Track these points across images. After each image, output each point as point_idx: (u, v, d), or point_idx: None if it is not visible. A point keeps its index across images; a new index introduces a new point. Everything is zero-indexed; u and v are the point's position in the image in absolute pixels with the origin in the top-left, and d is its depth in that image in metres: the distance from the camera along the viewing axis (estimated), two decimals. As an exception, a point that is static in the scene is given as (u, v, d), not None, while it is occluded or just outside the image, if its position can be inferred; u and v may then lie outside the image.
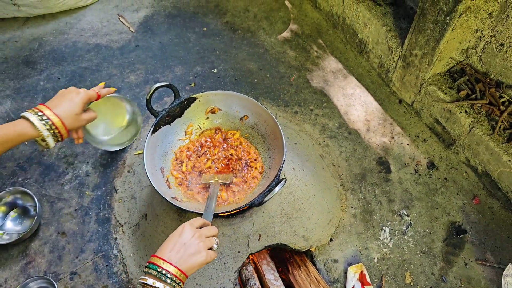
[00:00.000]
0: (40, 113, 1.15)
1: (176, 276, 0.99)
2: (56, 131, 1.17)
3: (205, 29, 2.55)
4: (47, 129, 1.15)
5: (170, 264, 1.00)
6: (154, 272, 0.99)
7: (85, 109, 1.30)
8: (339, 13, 2.39)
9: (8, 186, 1.86)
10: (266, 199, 1.35)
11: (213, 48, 2.44)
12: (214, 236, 1.15)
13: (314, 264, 1.67)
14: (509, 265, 1.51)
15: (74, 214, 1.79)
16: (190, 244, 1.06)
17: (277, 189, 1.35)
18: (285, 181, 1.37)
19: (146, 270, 1.01)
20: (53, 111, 1.17)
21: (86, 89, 1.29)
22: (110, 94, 1.41)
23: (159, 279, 0.97)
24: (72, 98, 1.23)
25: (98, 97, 1.34)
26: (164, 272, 0.98)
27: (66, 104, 1.21)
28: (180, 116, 1.68)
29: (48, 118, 1.15)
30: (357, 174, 1.89)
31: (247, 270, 1.60)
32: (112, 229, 1.75)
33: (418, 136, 2.01)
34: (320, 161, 1.90)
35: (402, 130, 2.03)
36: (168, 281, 0.98)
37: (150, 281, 0.97)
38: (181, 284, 1.01)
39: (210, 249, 1.11)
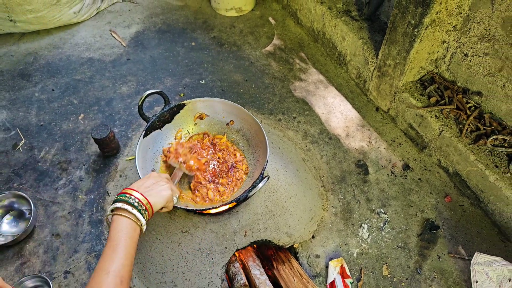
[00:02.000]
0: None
1: (142, 203, 1.10)
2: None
3: (193, 43, 2.69)
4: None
5: (138, 192, 1.12)
6: (123, 198, 1.09)
7: None
8: (319, 28, 2.55)
9: (4, 191, 1.93)
10: (250, 194, 1.46)
11: (201, 61, 2.58)
12: (176, 192, 1.32)
13: (297, 260, 1.76)
14: (475, 253, 1.63)
15: (68, 216, 1.86)
16: (158, 183, 1.22)
17: (261, 184, 1.46)
18: (268, 178, 1.48)
19: (116, 198, 1.11)
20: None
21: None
22: None
23: (127, 202, 1.07)
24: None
25: None
26: (132, 197, 1.09)
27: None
28: (170, 122, 1.78)
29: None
30: (337, 176, 2.00)
31: (234, 266, 1.68)
32: (105, 230, 1.82)
33: (394, 141, 2.14)
34: (302, 164, 2.01)
35: (379, 135, 2.16)
36: (136, 204, 1.08)
37: (119, 204, 1.07)
38: (146, 213, 1.11)
39: None
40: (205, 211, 1.62)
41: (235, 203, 1.63)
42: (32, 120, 2.22)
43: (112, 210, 1.08)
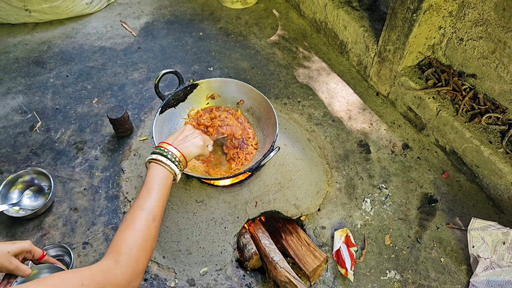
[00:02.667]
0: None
1: (176, 156, 1.22)
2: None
3: (201, 33, 2.80)
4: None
5: (171, 145, 1.24)
6: (158, 151, 1.20)
7: None
8: (321, 19, 2.67)
9: (23, 169, 2.02)
10: (262, 163, 1.56)
11: (208, 50, 2.69)
12: (209, 141, 1.45)
13: (305, 231, 1.86)
14: (472, 219, 1.74)
15: (85, 192, 1.95)
16: (191, 135, 1.34)
17: (272, 154, 1.56)
18: (279, 149, 1.59)
19: (153, 151, 1.22)
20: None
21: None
22: None
23: (162, 155, 1.19)
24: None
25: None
26: (166, 150, 1.21)
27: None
28: (183, 101, 1.88)
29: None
30: (341, 155, 2.11)
31: (244, 238, 1.78)
32: (121, 204, 1.92)
33: (394, 123, 2.26)
34: (307, 143, 2.12)
35: (379, 118, 2.28)
36: (169, 156, 1.19)
37: (154, 156, 1.18)
38: (180, 164, 1.22)
39: None
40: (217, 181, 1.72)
41: (248, 174, 1.74)
42: (48, 104, 2.32)
43: (149, 161, 1.19)
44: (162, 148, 1.22)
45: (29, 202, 1.90)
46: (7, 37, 2.70)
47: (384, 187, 1.99)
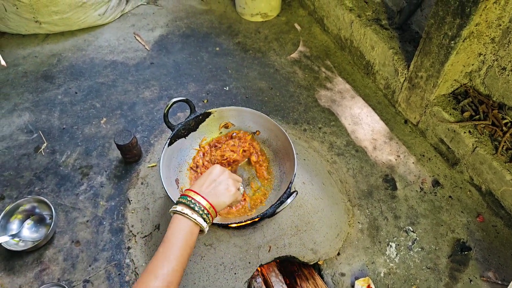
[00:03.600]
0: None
1: (205, 207, 1.06)
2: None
3: (217, 49, 2.65)
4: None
5: (200, 195, 1.08)
6: (184, 201, 1.05)
7: None
8: (346, 36, 2.48)
9: (25, 194, 1.92)
10: (278, 210, 1.40)
11: (225, 67, 2.53)
12: (239, 181, 1.27)
13: (322, 277, 1.70)
14: (512, 281, 1.55)
15: (88, 224, 1.84)
16: (220, 181, 1.16)
17: (289, 200, 1.40)
18: (297, 194, 1.43)
19: (177, 200, 1.07)
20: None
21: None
22: None
23: (188, 207, 1.04)
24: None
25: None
26: (193, 201, 1.05)
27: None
28: (195, 130, 1.75)
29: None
30: (364, 191, 1.94)
31: (256, 282, 1.63)
32: (125, 238, 1.79)
33: (423, 155, 2.07)
34: (328, 177, 1.95)
35: (407, 149, 2.09)
36: (196, 208, 1.04)
37: (179, 208, 1.03)
38: (209, 216, 1.07)
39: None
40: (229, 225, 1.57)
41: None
42: (55, 123, 2.21)
43: (173, 212, 1.05)
44: (188, 198, 1.06)
45: (29, 233, 1.79)
46: (17, 49, 2.61)
47: (411, 230, 1.81)
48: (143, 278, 0.93)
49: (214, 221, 1.45)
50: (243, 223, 1.53)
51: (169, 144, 1.63)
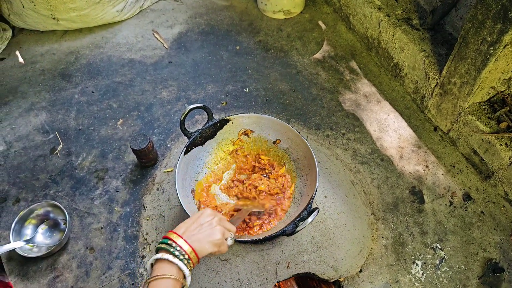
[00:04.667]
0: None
1: (186, 252, 0.98)
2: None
3: (238, 47, 2.56)
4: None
5: (182, 238, 1.00)
6: (164, 246, 0.98)
7: None
8: (374, 35, 2.35)
9: (40, 197, 1.89)
10: (298, 229, 1.33)
11: (245, 67, 2.44)
12: (231, 231, 1.15)
13: (342, 295, 1.63)
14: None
15: (103, 230, 1.79)
16: (208, 225, 1.07)
17: (310, 219, 1.32)
18: (318, 211, 1.34)
19: (158, 245, 1.00)
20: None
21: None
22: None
23: (168, 251, 0.96)
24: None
25: None
26: (174, 245, 0.97)
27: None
28: (212, 138, 1.68)
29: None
30: (389, 203, 1.84)
31: (273, 297, 1.57)
32: (140, 246, 1.74)
33: (454, 166, 1.94)
34: (351, 187, 1.86)
35: (436, 159, 1.97)
36: (176, 253, 0.96)
37: (159, 254, 0.96)
38: (190, 262, 0.98)
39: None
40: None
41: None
42: (71, 124, 2.17)
43: (152, 263, 0.97)
44: (169, 240, 0.98)
45: (43, 238, 1.76)
46: (35, 45, 2.58)
47: (439, 247, 1.70)
48: None
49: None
50: (261, 240, 1.46)
51: (185, 153, 1.57)
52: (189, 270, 0.97)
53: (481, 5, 1.55)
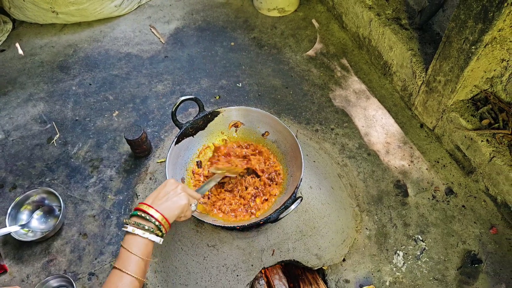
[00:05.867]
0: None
1: (157, 220, 1.06)
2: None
3: (232, 43, 2.62)
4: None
5: (153, 208, 1.07)
6: (135, 219, 1.05)
7: None
8: (365, 34, 2.41)
9: (36, 185, 1.95)
10: (281, 216, 1.38)
11: (239, 62, 2.50)
12: (195, 198, 1.24)
13: (326, 283, 1.68)
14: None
15: (96, 217, 1.85)
16: (173, 193, 1.15)
17: (293, 207, 1.38)
18: (301, 200, 1.40)
19: (130, 214, 1.08)
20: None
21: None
22: None
23: (137, 226, 1.02)
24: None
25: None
26: (144, 215, 1.05)
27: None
28: (203, 129, 1.73)
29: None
30: (374, 196, 1.90)
31: (259, 283, 1.62)
32: (131, 234, 1.80)
33: (438, 162, 2.01)
34: (337, 180, 1.92)
35: (421, 154, 2.03)
36: (147, 226, 1.03)
37: (130, 228, 1.02)
38: (162, 228, 1.07)
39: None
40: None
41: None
42: (68, 114, 2.23)
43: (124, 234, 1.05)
44: (139, 212, 1.05)
45: (38, 224, 1.82)
46: (35, 38, 2.64)
47: (421, 239, 1.76)
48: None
49: (216, 223, 1.44)
50: (247, 226, 1.52)
51: (176, 143, 1.62)
52: (162, 235, 1.07)
53: (463, 6, 1.61)
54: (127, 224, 1.03)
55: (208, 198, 1.60)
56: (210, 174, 1.64)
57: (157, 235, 1.05)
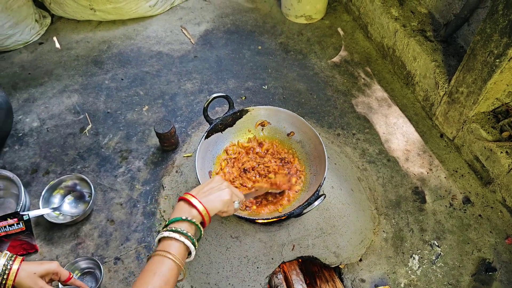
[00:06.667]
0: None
1: (199, 210, 1.11)
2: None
3: (260, 47, 2.71)
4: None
5: (196, 198, 1.13)
6: (172, 227, 1.06)
7: None
8: (389, 44, 2.48)
9: (68, 171, 2.04)
10: (305, 211, 1.45)
11: (265, 66, 2.58)
12: (238, 197, 1.29)
13: (342, 281, 1.73)
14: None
15: (124, 205, 1.94)
16: (218, 188, 1.21)
17: (316, 203, 1.44)
18: (324, 197, 1.46)
19: (167, 222, 1.09)
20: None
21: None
22: None
23: (175, 231, 1.04)
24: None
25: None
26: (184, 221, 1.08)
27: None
28: (231, 126, 1.81)
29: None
30: (392, 200, 1.95)
31: (277, 278, 1.68)
32: (156, 222, 1.88)
33: (456, 171, 2.05)
34: (357, 183, 1.97)
35: (440, 163, 2.08)
36: (185, 231, 1.05)
37: (166, 233, 1.04)
38: (201, 224, 1.12)
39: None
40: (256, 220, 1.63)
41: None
42: (100, 107, 2.33)
43: (159, 240, 1.07)
44: (186, 201, 1.12)
45: (69, 208, 1.91)
46: (71, 33, 2.76)
47: (437, 244, 1.81)
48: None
49: (241, 215, 1.51)
50: (270, 220, 1.59)
51: (206, 137, 1.70)
52: (201, 231, 1.11)
53: (489, 20, 1.67)
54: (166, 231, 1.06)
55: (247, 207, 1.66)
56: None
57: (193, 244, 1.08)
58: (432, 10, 2.37)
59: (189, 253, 1.09)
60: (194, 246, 1.08)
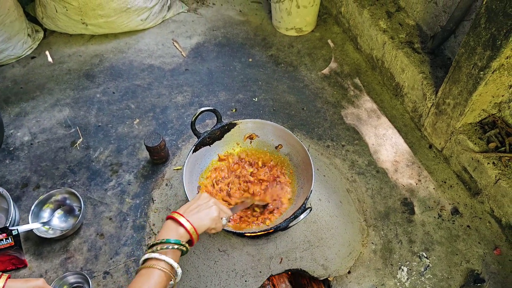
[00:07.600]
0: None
1: (186, 229, 1.12)
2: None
3: (250, 60, 2.73)
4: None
5: (183, 217, 1.14)
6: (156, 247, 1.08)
7: None
8: (378, 56, 2.50)
9: (59, 185, 2.05)
10: (291, 224, 1.46)
11: (256, 78, 2.60)
12: (226, 213, 1.30)
13: (331, 294, 1.74)
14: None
15: (114, 219, 1.94)
16: (205, 205, 1.22)
17: (302, 216, 1.45)
18: (311, 210, 1.47)
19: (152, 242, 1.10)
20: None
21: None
22: None
23: (157, 260, 1.05)
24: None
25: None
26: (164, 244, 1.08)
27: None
28: (220, 139, 1.82)
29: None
30: (381, 212, 1.95)
31: (265, 291, 1.69)
32: (146, 236, 1.88)
33: (445, 182, 2.06)
34: (346, 195, 1.98)
35: (429, 174, 2.09)
36: (170, 247, 1.07)
37: (153, 254, 1.06)
38: (189, 241, 1.13)
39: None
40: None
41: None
42: (91, 120, 2.34)
43: (144, 261, 1.08)
44: (174, 219, 1.13)
45: (58, 222, 1.91)
46: (64, 47, 2.78)
47: (425, 256, 1.81)
48: None
49: (228, 229, 1.51)
50: (257, 233, 1.59)
51: (194, 151, 1.71)
52: (187, 247, 1.12)
53: (473, 33, 1.69)
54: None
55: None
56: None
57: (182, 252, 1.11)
58: (420, 22, 2.40)
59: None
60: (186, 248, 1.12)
